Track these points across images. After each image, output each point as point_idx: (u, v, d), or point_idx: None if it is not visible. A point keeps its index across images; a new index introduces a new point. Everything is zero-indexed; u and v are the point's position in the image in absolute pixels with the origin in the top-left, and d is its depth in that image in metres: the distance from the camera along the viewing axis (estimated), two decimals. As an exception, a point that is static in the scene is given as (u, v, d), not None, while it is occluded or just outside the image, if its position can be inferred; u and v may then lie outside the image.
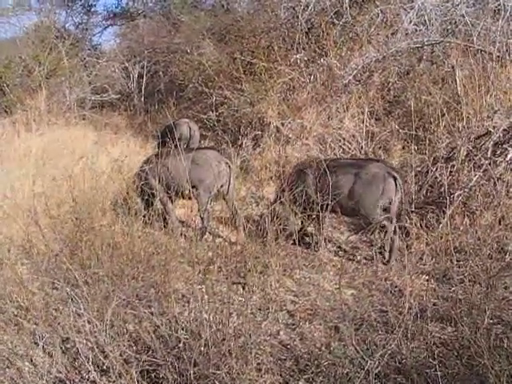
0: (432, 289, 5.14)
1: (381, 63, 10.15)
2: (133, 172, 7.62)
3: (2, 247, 6.05)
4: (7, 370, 4.24)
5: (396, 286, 5.43)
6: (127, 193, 6.92)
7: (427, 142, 7.85)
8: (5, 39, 19.63)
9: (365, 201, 6.12)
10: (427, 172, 7.15)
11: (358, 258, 6.38)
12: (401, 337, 3.99)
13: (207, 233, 7.12)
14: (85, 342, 4.15)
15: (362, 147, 9.09)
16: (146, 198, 6.99)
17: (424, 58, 10.25)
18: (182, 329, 4.18)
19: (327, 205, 5.98)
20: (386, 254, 6.24)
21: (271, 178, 8.19)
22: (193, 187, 7.05)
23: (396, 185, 6.09)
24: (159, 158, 7.24)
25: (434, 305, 4.85)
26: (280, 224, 5.95)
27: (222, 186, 7.21)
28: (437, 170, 7.01)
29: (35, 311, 4.85)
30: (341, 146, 9.35)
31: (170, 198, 7.16)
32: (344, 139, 9.42)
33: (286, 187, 6.49)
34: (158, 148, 10.09)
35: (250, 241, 5.98)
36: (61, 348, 4.32)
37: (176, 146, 7.32)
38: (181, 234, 6.95)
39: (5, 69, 16.59)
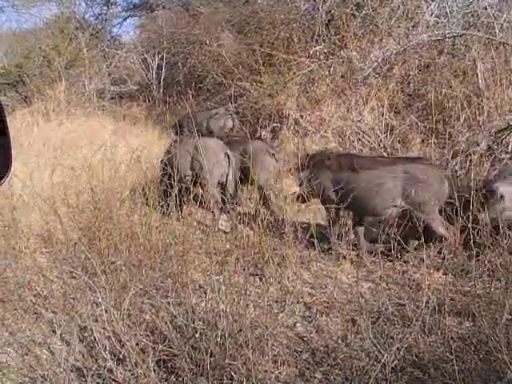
0: (450, 283, 5.03)
1: (401, 56, 10.09)
2: (151, 162, 7.71)
3: (22, 236, 6.09)
4: (26, 357, 4.28)
5: (414, 280, 5.39)
6: (145, 183, 6.94)
7: (447, 135, 7.79)
8: (25, 30, 19.88)
9: (425, 205, 5.79)
10: (446, 166, 7.09)
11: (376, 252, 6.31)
12: (418, 331, 3.97)
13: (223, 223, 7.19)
14: (102, 330, 4.18)
15: (381, 140, 9.05)
16: (164, 188, 6.98)
17: (445, 50, 10.15)
18: (199, 319, 4.18)
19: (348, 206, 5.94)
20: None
21: (290, 170, 8.16)
22: (195, 175, 7.16)
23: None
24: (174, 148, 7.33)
25: (452, 299, 4.79)
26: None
27: (221, 176, 7.22)
28: (456, 164, 6.95)
29: (53, 300, 4.91)
30: (360, 139, 9.32)
31: (186, 188, 7.16)
32: (363, 132, 9.39)
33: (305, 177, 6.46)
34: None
35: (268, 233, 5.96)
36: (78, 336, 4.35)
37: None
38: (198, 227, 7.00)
39: (25, 59, 16.76)
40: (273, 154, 7.45)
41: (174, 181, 6.07)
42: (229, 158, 7.23)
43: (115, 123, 13.50)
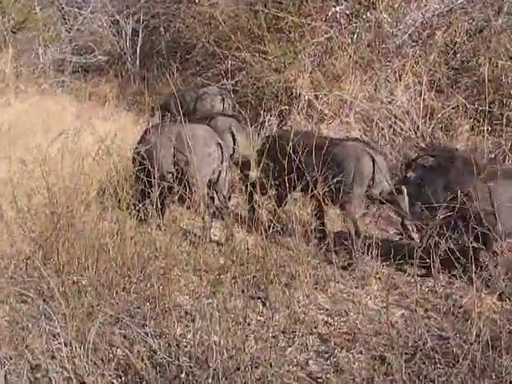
0: (507, 311, 5.07)
1: (445, 18, 10.08)
2: (124, 154, 7.74)
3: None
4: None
5: (460, 307, 5.38)
6: (117, 181, 6.85)
7: (504, 120, 7.76)
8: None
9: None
10: (504, 159, 7.08)
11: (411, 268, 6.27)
12: (466, 372, 3.96)
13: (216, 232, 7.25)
14: (60, 370, 4.14)
15: (417, 127, 9.06)
16: (141, 187, 7.02)
17: (504, 9, 10.10)
18: (185, 355, 4.18)
19: None
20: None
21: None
22: (180, 171, 7.20)
23: None
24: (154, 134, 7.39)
25: (510, 332, 4.73)
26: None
27: (213, 173, 7.31)
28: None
29: (-3, 330, 4.87)
30: (391, 126, 9.32)
31: (168, 188, 7.20)
32: (395, 116, 9.38)
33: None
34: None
35: (273, 243, 6.00)
36: (29, 378, 4.24)
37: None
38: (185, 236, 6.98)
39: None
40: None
41: (154, 178, 6.12)
42: (222, 150, 7.31)
43: (78, 104, 13.39)
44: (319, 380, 4.47)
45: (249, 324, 4.85)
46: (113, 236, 5.78)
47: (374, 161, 6.67)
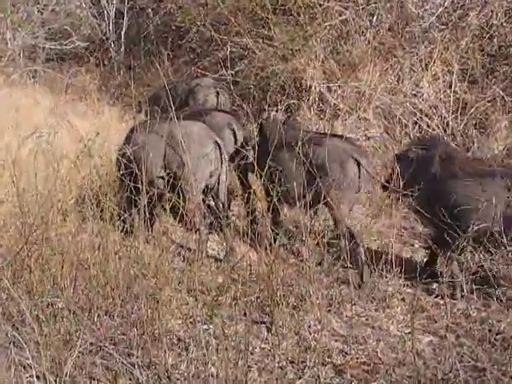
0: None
1: (480, -4, 10.07)
2: (107, 156, 7.72)
3: None
4: None
5: (497, 333, 5.35)
6: (99, 187, 6.89)
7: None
8: None
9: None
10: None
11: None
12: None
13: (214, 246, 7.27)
14: (33, 407, 4.12)
15: (447, 124, 9.05)
16: (127, 195, 6.93)
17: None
18: (178, 388, 4.18)
19: None
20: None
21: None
22: (172, 176, 7.14)
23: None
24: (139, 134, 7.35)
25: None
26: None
27: (210, 177, 7.31)
28: None
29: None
30: (416, 122, 9.31)
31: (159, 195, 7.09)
32: (421, 112, 9.37)
33: None
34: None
35: (279, 259, 5.97)
36: None
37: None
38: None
39: None
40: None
41: (142, 184, 6.13)
42: (220, 150, 7.29)
43: (54, 97, 13.35)
44: (333, 418, 4.48)
45: (252, 353, 4.83)
46: (94, 251, 5.74)
47: (359, 164, 6.77)
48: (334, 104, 10.07)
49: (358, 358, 5.15)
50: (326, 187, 6.56)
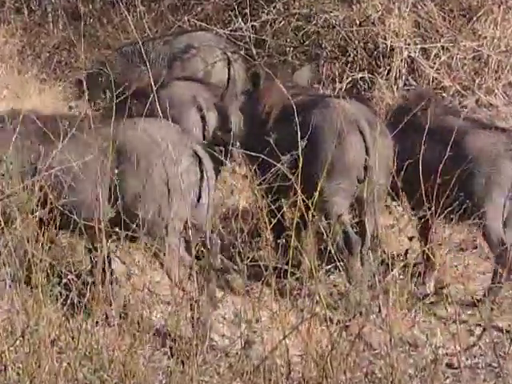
0: None
1: None
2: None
3: None
4: None
5: None
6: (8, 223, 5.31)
7: None
8: None
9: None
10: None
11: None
12: None
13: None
14: None
15: None
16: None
17: None
18: None
19: None
20: None
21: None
22: (126, 214, 5.68)
23: None
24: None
25: None
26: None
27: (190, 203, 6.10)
28: None
29: None
30: None
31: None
32: None
33: None
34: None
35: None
36: None
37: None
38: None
39: None
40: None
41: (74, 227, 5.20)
42: (201, 162, 6.05)
43: None
44: None
45: None
46: (14, 340, 4.57)
47: (365, 139, 6.29)
48: (435, 78, 8.39)
49: None
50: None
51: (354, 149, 6.29)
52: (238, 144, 6.88)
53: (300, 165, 5.41)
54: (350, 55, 8.91)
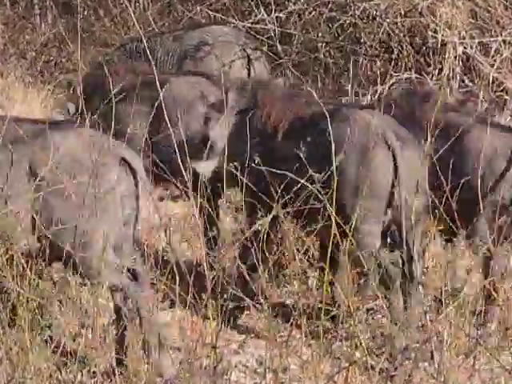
0: None
1: None
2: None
3: None
4: None
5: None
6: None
7: None
8: None
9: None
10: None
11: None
12: None
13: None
14: None
15: None
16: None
17: None
18: None
19: None
20: None
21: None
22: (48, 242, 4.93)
23: None
24: None
25: None
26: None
27: (126, 223, 5.28)
28: None
29: None
30: None
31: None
32: None
33: None
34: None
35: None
36: None
37: None
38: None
39: None
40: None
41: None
42: (133, 171, 5.23)
43: None
44: None
45: None
46: None
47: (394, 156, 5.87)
48: (496, 79, 7.83)
49: None
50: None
51: (381, 167, 5.88)
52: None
53: (334, 186, 4.74)
54: (393, 52, 8.43)
